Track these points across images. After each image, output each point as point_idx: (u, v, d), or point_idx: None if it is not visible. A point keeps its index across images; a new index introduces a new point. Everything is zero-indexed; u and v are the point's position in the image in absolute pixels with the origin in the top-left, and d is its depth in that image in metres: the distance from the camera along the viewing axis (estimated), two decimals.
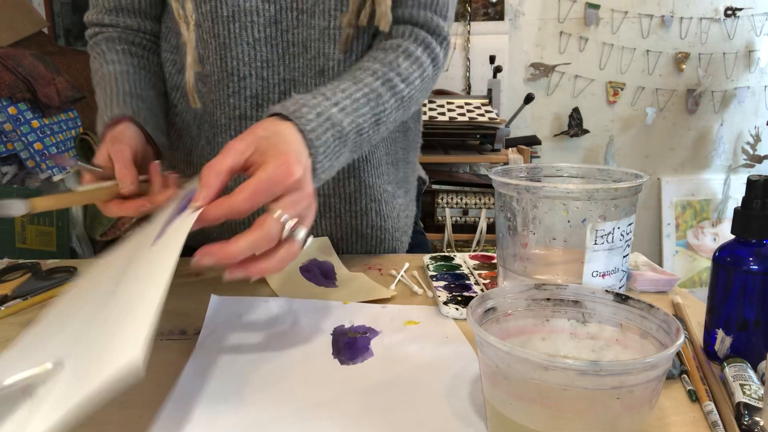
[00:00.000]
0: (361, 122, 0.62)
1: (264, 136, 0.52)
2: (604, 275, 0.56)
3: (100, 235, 1.86)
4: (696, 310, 0.64)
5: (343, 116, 0.59)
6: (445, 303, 0.65)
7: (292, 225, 0.48)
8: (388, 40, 0.71)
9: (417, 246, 0.95)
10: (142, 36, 0.81)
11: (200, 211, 0.47)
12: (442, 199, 2.05)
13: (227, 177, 0.49)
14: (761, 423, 0.42)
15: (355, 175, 0.81)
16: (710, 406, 0.45)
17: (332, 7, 0.71)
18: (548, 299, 0.47)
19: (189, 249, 0.71)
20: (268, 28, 0.71)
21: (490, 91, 2.24)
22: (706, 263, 2.72)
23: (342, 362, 0.54)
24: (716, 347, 0.53)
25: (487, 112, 2.07)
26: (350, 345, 0.57)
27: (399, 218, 0.89)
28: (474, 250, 2.01)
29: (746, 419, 0.42)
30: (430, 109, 2.08)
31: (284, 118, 0.55)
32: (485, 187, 2.04)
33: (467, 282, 0.72)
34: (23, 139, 1.72)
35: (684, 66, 2.64)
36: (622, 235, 0.56)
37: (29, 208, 0.51)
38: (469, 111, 2.08)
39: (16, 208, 0.50)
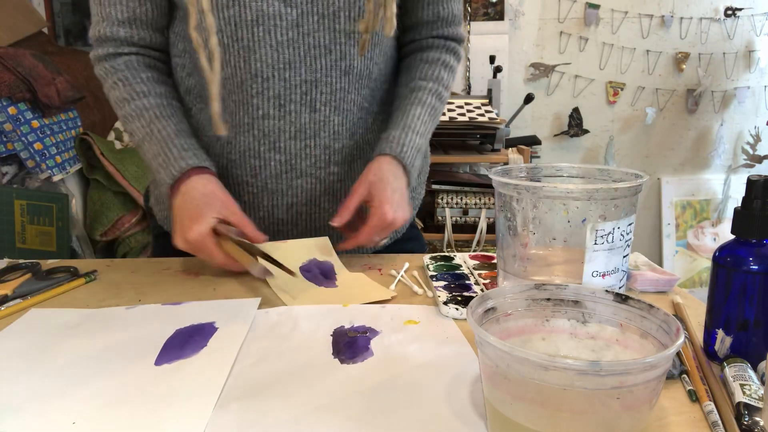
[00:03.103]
0: (429, 136, 0.85)
1: (373, 181, 0.76)
2: (604, 275, 0.56)
3: (100, 235, 1.86)
4: (696, 310, 0.64)
5: (422, 140, 0.82)
6: (445, 303, 0.65)
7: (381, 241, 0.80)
8: (430, 52, 0.86)
9: (413, 239, 0.96)
10: (156, 54, 0.82)
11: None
12: (442, 199, 2.05)
13: (353, 213, 0.75)
14: (761, 423, 0.42)
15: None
16: (710, 406, 0.45)
17: (357, 13, 0.74)
18: (548, 299, 0.47)
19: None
20: (290, 31, 0.73)
21: (490, 91, 2.24)
22: (706, 263, 2.72)
23: (342, 361, 0.54)
24: (716, 347, 0.53)
25: (487, 112, 2.07)
26: (350, 344, 0.57)
27: None
28: (474, 250, 2.01)
29: (746, 419, 0.42)
30: None
31: (392, 156, 0.79)
32: (485, 187, 2.04)
33: (467, 282, 0.72)
34: (23, 139, 1.72)
35: (684, 66, 2.64)
36: (622, 235, 0.56)
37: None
38: (469, 111, 2.08)
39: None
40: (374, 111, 0.86)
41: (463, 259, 0.82)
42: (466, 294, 0.68)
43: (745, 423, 0.42)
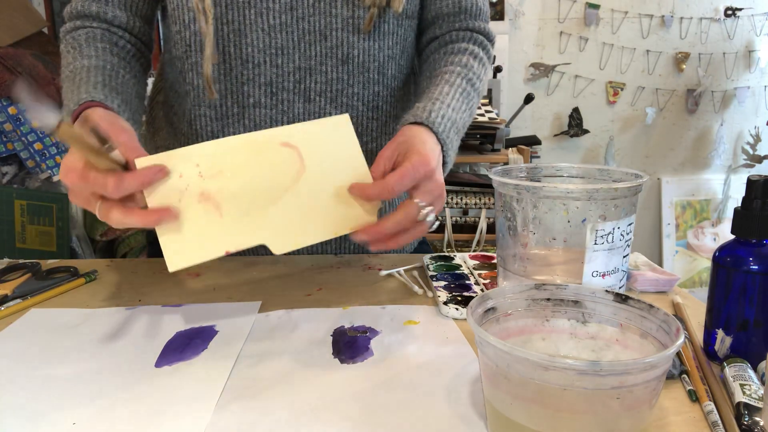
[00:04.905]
0: (465, 117, 0.73)
1: (403, 141, 0.62)
2: (604, 275, 0.56)
3: (100, 234, 1.86)
4: (696, 310, 0.64)
5: (456, 115, 0.70)
6: (445, 303, 0.65)
7: (426, 210, 0.58)
8: (455, 44, 0.79)
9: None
10: (128, 38, 0.76)
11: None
12: None
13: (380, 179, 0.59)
14: (761, 423, 0.42)
15: None
16: (710, 406, 0.45)
17: None
18: (548, 299, 0.47)
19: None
20: (283, 14, 0.71)
21: (490, 91, 2.24)
22: (706, 263, 2.72)
23: (342, 361, 0.54)
24: (716, 347, 0.53)
25: (487, 112, 2.08)
26: (350, 344, 0.57)
27: None
28: (474, 250, 2.01)
29: (746, 419, 0.42)
30: None
31: (418, 124, 0.65)
32: (485, 187, 2.04)
33: (467, 282, 0.72)
34: (23, 139, 1.72)
35: (684, 66, 2.64)
36: (622, 235, 0.56)
37: (58, 123, 0.48)
38: None
39: (50, 118, 0.47)
40: (394, 114, 0.81)
41: (463, 259, 0.82)
42: (466, 294, 0.68)
43: (745, 423, 0.42)
